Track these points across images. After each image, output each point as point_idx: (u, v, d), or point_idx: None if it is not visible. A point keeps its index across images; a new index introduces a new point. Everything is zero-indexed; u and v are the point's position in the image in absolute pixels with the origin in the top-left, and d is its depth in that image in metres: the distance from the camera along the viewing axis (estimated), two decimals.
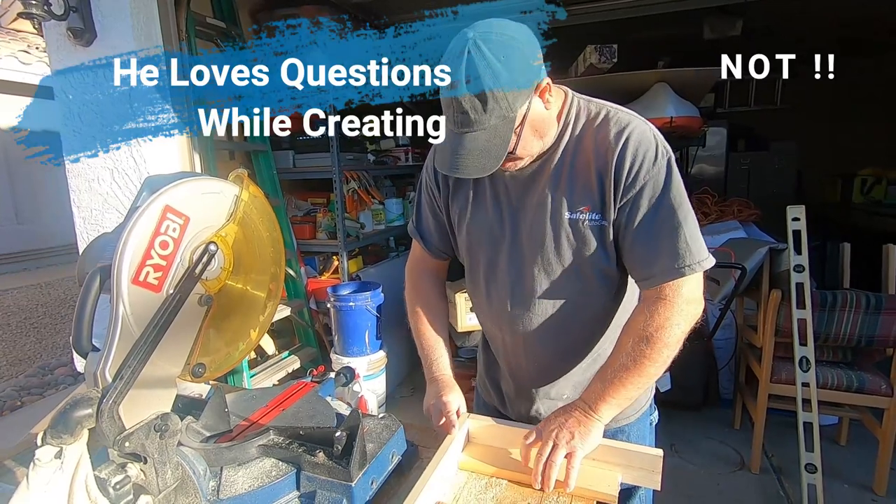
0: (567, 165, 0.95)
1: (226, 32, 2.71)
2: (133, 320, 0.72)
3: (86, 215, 2.26)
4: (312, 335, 3.08)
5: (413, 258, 1.24)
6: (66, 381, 3.83)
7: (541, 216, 0.97)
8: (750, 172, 4.87)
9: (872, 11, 3.77)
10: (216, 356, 0.90)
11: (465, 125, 0.84)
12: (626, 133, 0.91)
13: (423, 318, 1.18)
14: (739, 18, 3.39)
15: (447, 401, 1.05)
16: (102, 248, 0.80)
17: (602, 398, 0.92)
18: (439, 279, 1.24)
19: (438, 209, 1.13)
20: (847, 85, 5.41)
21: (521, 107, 0.85)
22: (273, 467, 0.84)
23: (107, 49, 2.07)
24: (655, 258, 0.91)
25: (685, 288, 0.90)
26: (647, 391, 1.12)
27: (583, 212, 0.94)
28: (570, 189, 0.95)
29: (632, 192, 0.90)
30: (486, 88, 0.80)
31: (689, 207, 0.91)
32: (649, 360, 0.90)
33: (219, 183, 0.86)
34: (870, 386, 2.21)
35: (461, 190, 1.07)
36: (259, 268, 0.94)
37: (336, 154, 2.85)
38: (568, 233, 0.95)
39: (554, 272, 0.99)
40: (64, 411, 0.67)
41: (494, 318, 1.09)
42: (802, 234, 2.19)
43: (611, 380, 0.92)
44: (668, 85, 2.92)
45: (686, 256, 0.89)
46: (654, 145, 0.91)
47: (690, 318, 0.92)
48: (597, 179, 0.92)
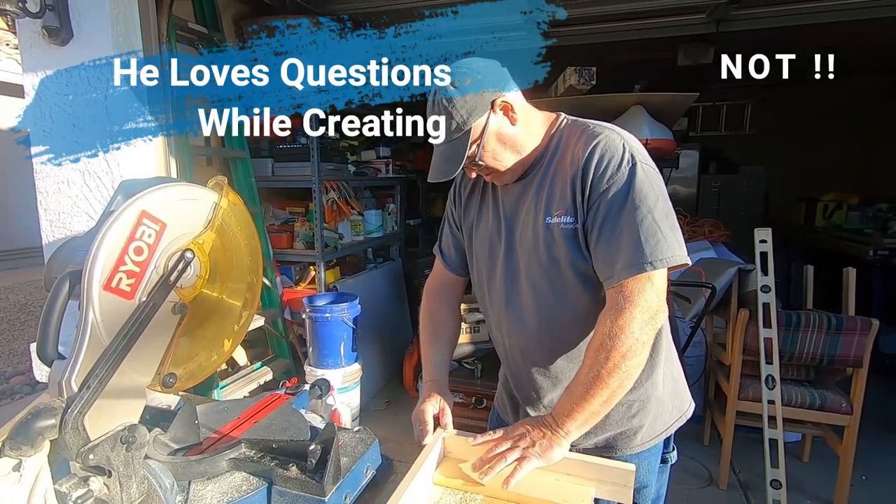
0: (549, 176, 1.03)
1: (208, 38, 2.69)
2: (103, 328, 0.70)
3: (53, 218, 2.19)
4: (286, 346, 3.02)
5: (432, 275, 1.33)
6: (22, 391, 3.65)
7: (528, 224, 1.04)
8: (720, 194, 5.02)
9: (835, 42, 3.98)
10: (188, 366, 0.88)
11: (436, 138, 1.01)
12: (595, 141, 0.97)
13: (426, 329, 1.26)
14: (712, 46, 3.53)
15: (423, 409, 1.08)
16: (72, 253, 0.78)
17: (569, 415, 0.94)
18: (452, 296, 1.30)
19: (457, 225, 1.24)
20: (812, 112, 5.69)
21: (477, 121, 0.98)
22: (244, 481, 0.82)
23: (83, 49, 2.02)
24: (616, 256, 0.92)
25: (644, 289, 0.90)
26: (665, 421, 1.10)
27: (558, 216, 0.99)
28: (549, 196, 1.02)
29: (597, 193, 0.95)
30: (445, 108, 0.98)
31: (656, 207, 0.92)
32: (608, 372, 0.90)
33: (197, 189, 0.85)
34: (831, 404, 2.29)
35: (472, 205, 1.18)
36: (236, 276, 0.93)
37: (316, 163, 2.84)
38: (546, 237, 1.01)
39: (539, 276, 1.03)
40: (25, 421, 0.65)
41: (496, 324, 1.15)
42: (769, 256, 2.28)
43: (576, 396, 0.94)
44: (643, 108, 3.01)
45: (644, 253, 0.89)
46: (620, 151, 0.95)
47: (649, 324, 0.91)
48: (570, 185, 0.99)
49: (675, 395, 1.12)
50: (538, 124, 1.06)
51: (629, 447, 1.07)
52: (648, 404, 1.06)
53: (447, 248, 1.27)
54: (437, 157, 1.02)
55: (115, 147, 2.08)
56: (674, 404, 1.12)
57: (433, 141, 1.02)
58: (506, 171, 1.04)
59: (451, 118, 0.98)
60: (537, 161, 1.05)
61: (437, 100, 0.99)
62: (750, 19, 3.23)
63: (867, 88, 5.35)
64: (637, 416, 1.06)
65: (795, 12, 3.10)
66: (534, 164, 1.05)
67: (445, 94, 0.98)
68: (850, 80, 5.17)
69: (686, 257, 0.93)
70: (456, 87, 0.97)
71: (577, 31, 3.49)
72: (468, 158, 0.99)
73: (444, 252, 1.28)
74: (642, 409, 1.06)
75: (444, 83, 0.98)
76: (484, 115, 0.98)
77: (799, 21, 3.16)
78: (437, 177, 1.01)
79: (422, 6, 3.03)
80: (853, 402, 2.26)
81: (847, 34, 3.60)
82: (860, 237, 4.11)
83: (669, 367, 1.11)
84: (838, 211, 4.71)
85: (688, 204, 4.72)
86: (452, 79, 0.99)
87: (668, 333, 1.09)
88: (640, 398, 1.05)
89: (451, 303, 1.29)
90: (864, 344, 2.21)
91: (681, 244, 0.93)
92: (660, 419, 1.09)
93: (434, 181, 1.02)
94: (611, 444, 1.07)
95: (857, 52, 4.23)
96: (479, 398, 2.62)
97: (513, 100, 1.01)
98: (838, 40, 3.78)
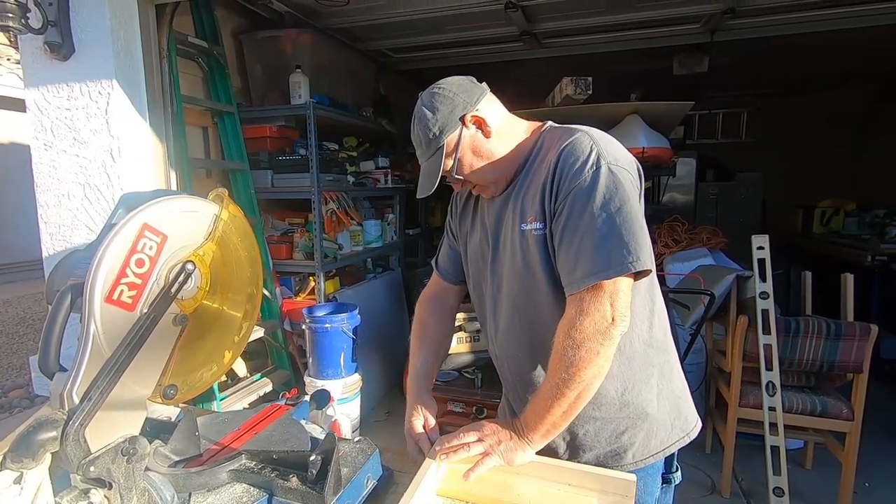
0: (526, 183, 1.03)
1: (208, 52, 2.72)
2: (104, 340, 0.71)
3: (54, 231, 2.19)
4: (286, 357, 3.02)
5: (428, 284, 1.35)
6: (21, 405, 3.63)
7: (508, 232, 1.06)
8: (718, 201, 5.05)
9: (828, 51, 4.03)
10: (188, 377, 0.88)
11: (420, 157, 1.07)
12: (565, 145, 0.96)
13: (413, 336, 1.27)
14: (706, 56, 3.57)
15: (412, 426, 1.09)
16: (73, 266, 0.79)
17: (532, 426, 0.94)
18: (445, 304, 1.30)
19: (454, 236, 1.27)
20: (807, 120, 5.75)
21: (449, 136, 1.01)
22: (244, 493, 0.82)
23: (85, 64, 2.04)
24: (574, 264, 0.90)
25: (600, 299, 0.87)
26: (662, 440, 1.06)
27: (530, 222, 0.99)
28: (523, 203, 1.02)
29: (560, 198, 0.94)
30: (425, 128, 1.02)
31: (619, 211, 0.88)
32: (565, 383, 0.90)
33: (198, 202, 0.86)
34: (832, 410, 2.28)
35: (466, 217, 1.20)
36: (236, 287, 0.93)
37: (316, 174, 2.85)
38: (521, 243, 1.01)
39: (517, 284, 1.04)
40: (26, 434, 0.65)
41: (487, 333, 1.17)
42: (767, 263, 2.28)
43: (538, 407, 0.94)
44: (639, 117, 3.04)
45: (601, 261, 0.87)
46: (585, 154, 0.92)
47: (604, 335, 0.88)
48: (540, 190, 0.98)
49: (676, 413, 1.08)
50: (519, 134, 1.07)
51: (620, 465, 1.04)
52: (639, 422, 1.03)
53: (443, 259, 1.30)
54: (421, 175, 1.07)
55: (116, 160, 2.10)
56: (674, 423, 1.07)
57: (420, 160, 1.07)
58: (489, 184, 1.07)
59: (427, 136, 1.02)
60: (519, 170, 1.06)
61: (414, 121, 1.05)
62: (744, 29, 3.28)
63: (860, 95, 5.41)
64: (626, 434, 1.03)
65: (788, 22, 3.15)
66: (516, 174, 1.06)
67: (421, 115, 1.03)
68: (842, 87, 5.23)
69: (649, 263, 0.89)
70: (427, 108, 1.02)
71: (574, 42, 3.54)
72: (446, 172, 1.03)
73: (439, 263, 1.31)
74: (631, 427, 1.03)
75: (421, 105, 1.04)
76: (456, 131, 1.01)
77: (792, 30, 3.20)
78: (420, 193, 1.06)
79: (418, 19, 3.08)
80: (854, 409, 2.26)
81: (839, 43, 3.65)
82: (858, 243, 4.13)
83: (667, 383, 1.07)
84: (836, 217, 4.74)
85: (686, 211, 4.74)
86: (426, 100, 1.04)
87: (664, 350, 1.07)
88: (628, 416, 1.03)
89: (442, 310, 1.30)
90: (863, 349, 2.21)
91: (643, 249, 0.88)
92: (654, 438, 1.05)
93: (420, 197, 1.07)
94: (601, 462, 1.04)
95: (849, 60, 4.28)
96: (480, 408, 2.61)
97: (486, 113, 1.03)
98: (830, 49, 3.84)
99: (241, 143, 2.87)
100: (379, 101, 3.95)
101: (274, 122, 3.07)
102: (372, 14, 3.02)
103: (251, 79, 3.18)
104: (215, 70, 2.79)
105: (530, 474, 0.96)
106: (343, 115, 3.20)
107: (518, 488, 0.93)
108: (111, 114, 2.06)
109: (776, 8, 2.97)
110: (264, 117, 3.05)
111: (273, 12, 2.99)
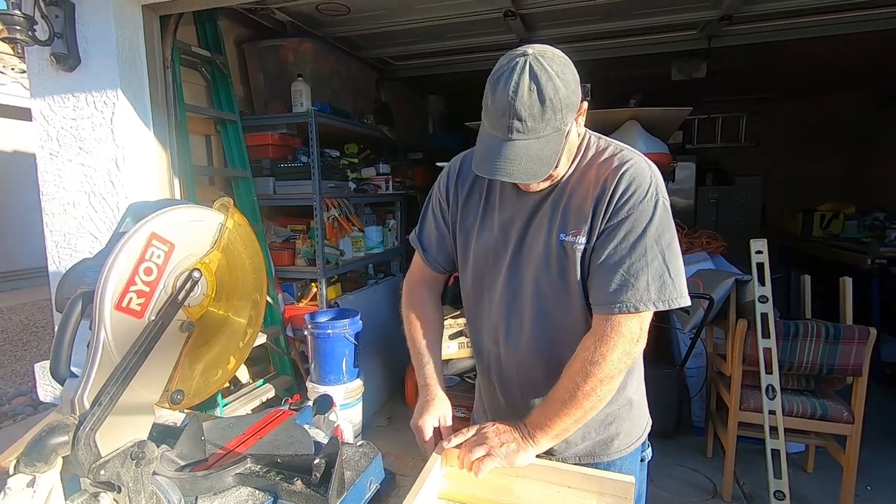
0: (568, 191, 1.00)
1: (211, 61, 2.75)
2: (114, 346, 0.72)
3: (59, 239, 2.22)
4: (288, 363, 3.03)
5: (412, 271, 1.27)
6: (25, 412, 3.64)
7: (540, 236, 1.02)
8: (717, 205, 5.07)
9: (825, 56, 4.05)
10: (195, 383, 0.90)
11: (520, 132, 0.86)
12: (625, 167, 0.96)
13: (416, 326, 1.19)
14: (704, 62, 3.60)
15: (423, 423, 1.07)
16: (83, 274, 0.80)
17: (541, 429, 0.96)
18: (436, 291, 1.26)
19: (445, 224, 1.17)
20: (806, 125, 5.77)
21: (569, 124, 0.90)
22: (249, 496, 0.83)
23: (90, 75, 2.08)
24: (621, 287, 0.92)
25: (631, 323, 0.92)
26: (641, 426, 1.14)
27: (574, 235, 0.98)
28: (566, 214, 0.99)
29: (613, 221, 0.94)
30: (547, 99, 0.84)
31: (669, 248, 0.93)
32: (584, 394, 0.93)
33: (204, 211, 0.88)
34: (832, 413, 2.29)
35: (470, 207, 1.12)
36: (241, 294, 0.95)
37: (317, 181, 2.88)
38: (558, 253, 0.99)
39: (544, 288, 1.02)
40: (39, 438, 0.67)
41: (490, 331, 1.12)
42: (766, 267, 2.30)
43: (550, 412, 0.96)
44: (638, 122, 3.06)
45: (650, 293, 0.91)
46: (647, 184, 0.94)
47: (629, 355, 0.94)
48: (591, 208, 0.96)
49: (645, 397, 1.16)
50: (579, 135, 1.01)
51: (607, 454, 1.10)
52: (624, 411, 1.10)
53: (429, 243, 1.20)
54: (513, 152, 0.87)
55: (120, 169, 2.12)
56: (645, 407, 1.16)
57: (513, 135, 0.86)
58: (550, 179, 0.98)
59: (551, 111, 0.85)
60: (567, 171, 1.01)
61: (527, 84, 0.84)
62: (741, 35, 3.31)
63: (859, 100, 5.43)
64: (613, 425, 1.10)
65: (785, 27, 3.17)
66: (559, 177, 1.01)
67: (549, 84, 0.84)
68: (842, 91, 5.25)
69: (686, 300, 0.95)
70: (560, 77, 0.85)
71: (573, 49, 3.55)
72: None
73: (425, 246, 1.21)
74: (618, 419, 1.10)
75: (546, 69, 0.85)
76: (572, 116, 0.90)
77: (788, 36, 3.23)
78: (521, 178, 0.88)
79: (418, 28, 3.11)
80: (854, 412, 2.26)
81: (836, 48, 3.67)
82: (857, 246, 4.13)
83: (639, 369, 1.14)
84: (835, 220, 4.74)
85: (685, 216, 4.76)
86: (556, 67, 0.86)
87: None
88: (614, 410, 1.09)
89: (436, 299, 1.24)
90: (863, 353, 2.22)
91: (684, 285, 0.95)
92: (636, 427, 1.13)
93: (517, 182, 0.90)
94: (590, 452, 1.10)
95: (847, 65, 4.30)
96: None
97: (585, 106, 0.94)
98: (828, 54, 3.86)
99: (243, 150, 2.90)
100: (380, 109, 3.98)
101: (276, 130, 3.10)
102: (373, 23, 3.06)
103: (253, 87, 3.22)
104: (218, 79, 2.83)
105: (529, 476, 0.97)
106: (344, 123, 3.23)
107: (517, 490, 0.94)
108: (116, 123, 2.09)
109: (772, 14, 3.00)
110: (266, 125, 3.08)
111: (275, 22, 3.03)
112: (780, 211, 5.44)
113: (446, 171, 1.18)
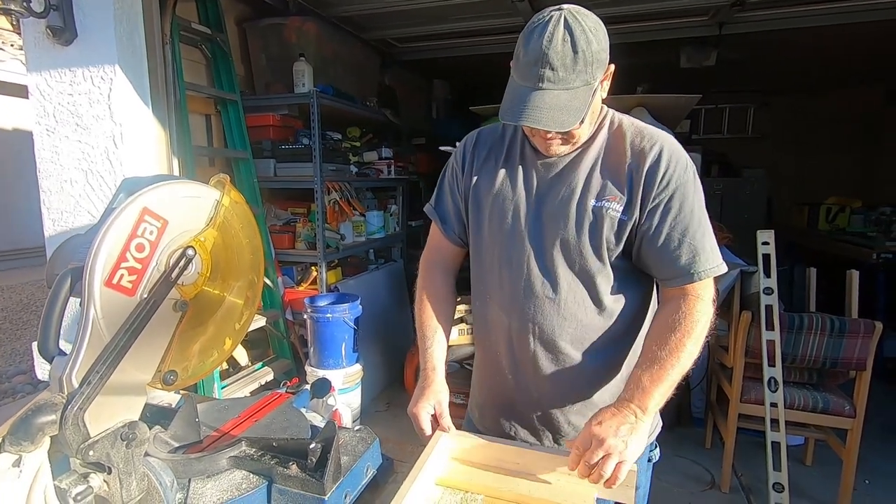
0: (600, 160, 1.02)
1: (211, 39, 2.70)
2: (104, 324, 0.70)
3: (56, 217, 2.19)
4: (287, 347, 3.02)
5: (428, 247, 1.24)
6: (24, 390, 3.66)
7: (566, 201, 1.01)
8: (723, 197, 5.01)
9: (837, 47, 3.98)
10: (188, 364, 0.87)
11: (550, 81, 0.88)
12: (662, 143, 0.99)
13: (426, 307, 1.17)
14: (714, 49, 3.53)
15: (419, 410, 1.05)
16: (74, 250, 0.78)
17: (648, 394, 0.92)
18: (451, 272, 1.23)
19: (459, 193, 1.16)
20: (813, 118, 5.70)
21: (598, 79, 0.92)
22: (244, 480, 0.82)
23: (87, 49, 2.03)
24: (683, 259, 0.97)
25: (705, 289, 0.98)
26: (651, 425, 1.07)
27: (609, 201, 0.99)
28: (599, 181, 1.01)
29: (663, 195, 0.97)
30: (581, 50, 0.87)
31: (707, 216, 1.01)
32: (680, 348, 0.94)
33: (199, 187, 0.85)
34: (834, 407, 2.28)
35: (487, 170, 1.11)
36: (237, 274, 0.93)
37: (319, 164, 2.84)
38: (591, 218, 1.00)
39: (571, 253, 1.02)
40: (25, 417, 0.64)
41: (504, 303, 1.08)
42: (772, 258, 2.27)
43: (652, 374, 0.93)
44: (646, 110, 3.01)
45: (711, 259, 0.97)
46: (684, 157, 1.00)
47: (709, 316, 0.97)
48: (627, 178, 0.99)
49: None
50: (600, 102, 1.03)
51: None
52: None
53: (447, 213, 1.18)
54: (543, 100, 0.88)
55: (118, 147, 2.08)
56: None
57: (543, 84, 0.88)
58: (570, 142, 1.00)
59: (583, 62, 0.87)
60: (591, 139, 1.02)
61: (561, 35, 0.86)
62: (753, 22, 3.23)
63: (868, 94, 5.35)
64: None
65: (798, 15, 3.10)
66: (587, 142, 1.03)
67: (582, 37, 0.87)
68: (851, 86, 5.17)
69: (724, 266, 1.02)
70: (593, 33, 0.88)
71: None
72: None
73: (443, 218, 1.18)
74: None
75: (581, 23, 0.87)
76: (601, 74, 0.92)
77: (801, 24, 3.15)
78: (548, 125, 0.89)
79: (423, 8, 3.05)
80: (856, 406, 2.25)
81: (848, 40, 3.60)
82: (863, 240, 4.09)
83: None
84: (841, 214, 4.70)
85: None
86: (590, 23, 0.89)
87: None
88: None
89: (450, 281, 1.22)
90: (867, 347, 2.20)
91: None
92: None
93: (541, 128, 0.91)
94: None
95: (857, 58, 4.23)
96: None
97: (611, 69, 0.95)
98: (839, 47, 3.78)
99: (244, 131, 2.85)
100: (383, 92, 3.92)
101: (277, 111, 3.05)
102: (377, 3, 2.99)
103: (255, 67, 3.16)
104: (219, 57, 2.77)
105: (531, 464, 0.95)
106: (347, 105, 3.18)
107: (518, 478, 0.93)
108: (114, 100, 2.04)
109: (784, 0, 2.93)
110: (267, 106, 3.03)
111: (278, 0, 2.96)
112: (786, 204, 5.39)
113: (463, 142, 1.19)
